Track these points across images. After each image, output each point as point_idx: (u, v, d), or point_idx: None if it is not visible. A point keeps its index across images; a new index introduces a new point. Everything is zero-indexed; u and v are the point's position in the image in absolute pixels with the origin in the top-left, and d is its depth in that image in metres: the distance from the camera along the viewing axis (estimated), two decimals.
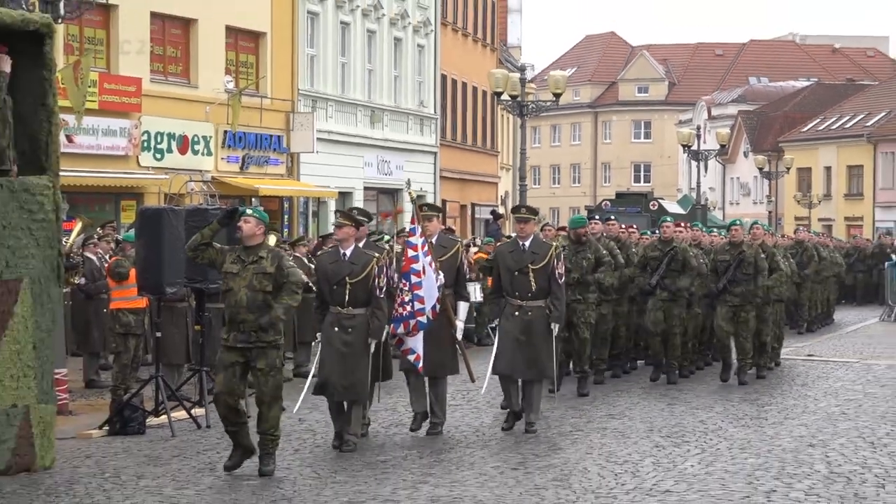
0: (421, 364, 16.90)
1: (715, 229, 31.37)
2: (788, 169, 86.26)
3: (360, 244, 16.75)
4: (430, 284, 16.71)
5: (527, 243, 17.66)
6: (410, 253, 16.75)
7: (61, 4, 27.09)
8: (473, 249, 32.96)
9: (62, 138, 17.53)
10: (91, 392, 22.59)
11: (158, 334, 19.22)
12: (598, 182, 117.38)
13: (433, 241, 17.51)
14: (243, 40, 46.35)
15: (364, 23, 53.55)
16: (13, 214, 15.22)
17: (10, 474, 14.72)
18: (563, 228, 25.23)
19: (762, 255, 23.56)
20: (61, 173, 16.95)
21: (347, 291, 15.90)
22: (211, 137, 43.57)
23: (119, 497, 13.73)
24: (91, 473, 14.67)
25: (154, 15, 41.79)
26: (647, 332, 23.95)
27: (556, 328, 17.55)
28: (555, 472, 15.38)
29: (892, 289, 44.82)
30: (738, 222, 25.71)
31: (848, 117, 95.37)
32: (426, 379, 17.59)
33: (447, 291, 17.43)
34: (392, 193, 55.87)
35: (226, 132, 43.83)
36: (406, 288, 16.57)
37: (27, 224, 15.46)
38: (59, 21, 22.91)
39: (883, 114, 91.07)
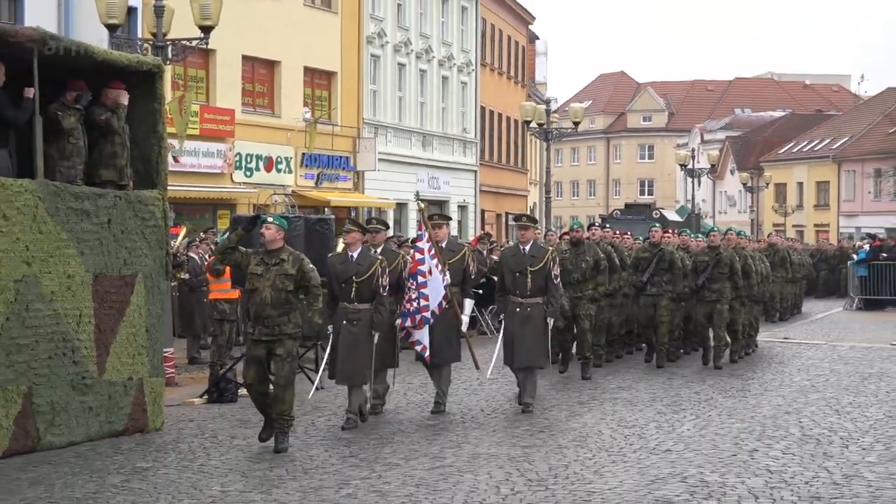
0: (427, 353, 16.51)
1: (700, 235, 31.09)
2: (767, 184, 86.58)
3: (379, 248, 16.45)
4: (437, 284, 16.33)
5: (527, 248, 17.18)
6: (417, 256, 16.36)
7: (169, 49, 27.29)
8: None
9: (169, 159, 17.63)
10: (193, 367, 22.71)
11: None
12: (609, 195, 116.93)
13: (443, 245, 17.16)
14: (318, 78, 46.42)
15: (417, 64, 53.61)
16: (130, 221, 15.41)
17: (127, 434, 14.88)
18: (567, 233, 24.64)
19: (736, 257, 23.34)
20: (169, 188, 17.07)
21: (354, 289, 15.45)
22: (291, 158, 43.69)
23: (216, 454, 13.88)
24: (193, 434, 14.78)
25: (245, 58, 41.95)
26: (640, 322, 23.82)
27: (551, 322, 17.12)
28: (574, 434, 15.47)
29: (853, 283, 44.77)
30: (714, 229, 26.24)
31: (817, 141, 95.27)
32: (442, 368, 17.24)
33: (454, 289, 16.97)
34: (440, 205, 55.82)
35: (303, 154, 43.95)
36: (413, 287, 16.19)
37: (141, 229, 15.64)
38: (167, 63, 23.12)
39: (846, 139, 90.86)
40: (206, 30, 27.89)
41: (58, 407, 14.26)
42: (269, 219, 13.97)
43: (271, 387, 13.98)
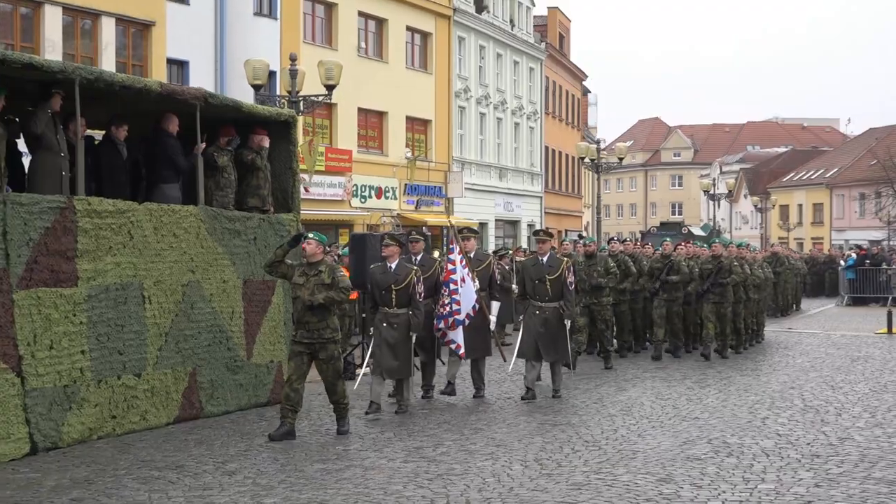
0: (462, 351, 15.34)
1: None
2: (773, 206, 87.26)
3: (419, 255, 15.52)
4: (468, 290, 15.23)
5: (544, 258, 15.95)
6: (449, 266, 15.21)
7: (300, 103, 27.47)
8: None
9: (301, 189, 17.69)
10: None
11: (364, 315, 18.90)
12: (647, 215, 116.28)
13: (471, 255, 16.16)
14: (417, 125, 46.56)
15: (494, 113, 53.68)
16: (271, 238, 15.50)
17: (269, 405, 14.96)
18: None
19: (736, 264, 21.95)
20: (300, 212, 17.22)
21: (393, 295, 14.36)
22: (396, 188, 43.83)
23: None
24: (320, 405, 14.74)
25: (360, 109, 42.22)
26: (654, 322, 22.09)
27: (568, 323, 15.79)
28: (621, 405, 15.38)
29: (843, 284, 44.86)
30: (716, 241, 25.00)
31: (813, 171, 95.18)
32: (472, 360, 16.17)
33: (482, 293, 15.99)
34: (513, 224, 55.93)
35: (406, 184, 44.15)
36: (446, 293, 15.11)
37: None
38: (300, 114, 23.27)
39: (836, 169, 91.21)
40: (330, 88, 28.09)
41: (216, 384, 14.40)
42: (310, 235, 12.91)
43: (303, 386, 12.83)
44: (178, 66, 33.18)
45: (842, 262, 47.69)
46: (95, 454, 11.72)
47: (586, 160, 47.60)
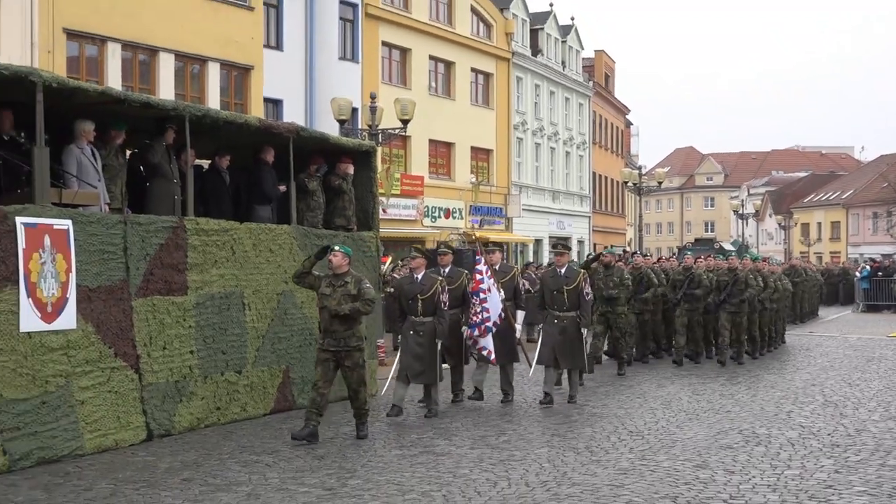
0: (493, 357, 14.49)
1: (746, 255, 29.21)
2: (795, 224, 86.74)
3: (447, 268, 14.53)
4: (495, 300, 14.39)
5: (562, 270, 14.80)
6: (477, 276, 14.38)
7: (379, 135, 27.61)
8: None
9: (380, 210, 17.76)
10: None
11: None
12: (683, 232, 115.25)
13: (496, 268, 15.31)
14: (480, 154, 46.54)
15: (548, 143, 53.57)
16: (354, 253, 15.56)
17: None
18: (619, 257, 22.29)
19: (751, 276, 20.78)
20: (380, 230, 17.27)
21: (419, 305, 13.38)
22: (462, 209, 43.81)
23: (413, 412, 13.93)
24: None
25: (430, 140, 42.32)
26: (676, 330, 20.91)
27: (584, 331, 14.86)
28: (661, 399, 15.27)
29: (858, 293, 44.48)
30: (732, 254, 23.70)
31: (830, 193, 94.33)
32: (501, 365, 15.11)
33: (507, 303, 14.95)
34: (565, 240, 55.61)
35: (471, 205, 44.11)
36: (476, 302, 14.24)
37: (362, 259, 15.74)
38: (378, 145, 23.35)
39: (851, 191, 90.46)
40: (405, 122, 28.22)
41: (306, 379, 14.41)
42: (336, 247, 11.91)
43: (328, 392, 11.87)
44: (274, 105, 33.44)
45: (857, 274, 47.18)
46: (202, 440, 11.80)
47: (629, 184, 47.66)
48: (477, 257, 14.92)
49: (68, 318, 10.95)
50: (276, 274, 14.01)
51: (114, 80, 26.16)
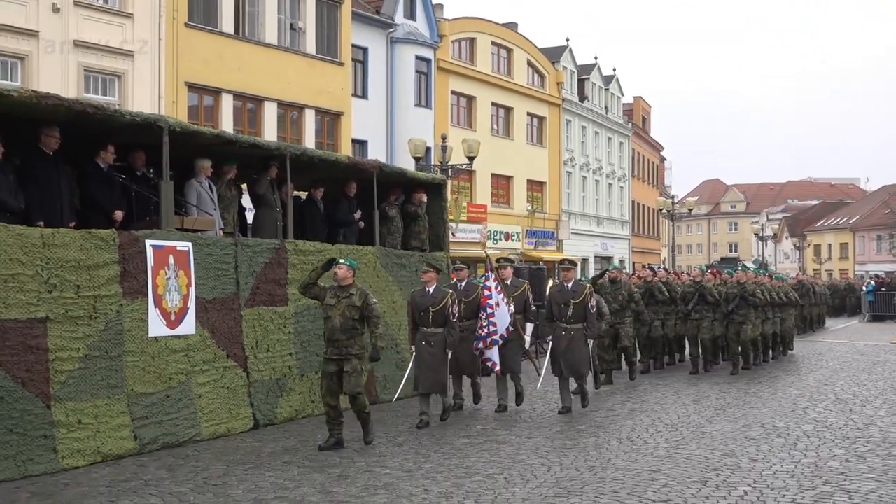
0: (498, 368, 13.21)
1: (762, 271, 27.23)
2: (809, 245, 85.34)
3: (464, 282, 13.43)
4: (503, 313, 13.11)
5: (569, 285, 13.32)
6: (486, 292, 13.09)
7: (449, 170, 27.68)
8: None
9: (450, 234, 17.75)
10: None
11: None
12: (710, 253, 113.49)
13: (507, 282, 13.83)
14: (535, 185, 46.39)
15: (593, 176, 53.30)
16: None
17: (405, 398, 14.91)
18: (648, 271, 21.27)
19: (758, 290, 19.19)
20: (450, 251, 17.27)
21: (430, 316, 12.17)
22: (520, 232, 43.68)
23: (470, 407, 13.91)
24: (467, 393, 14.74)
25: (492, 174, 42.29)
26: (689, 339, 19.60)
27: (591, 343, 13.39)
28: (692, 396, 15.04)
29: (865, 305, 43.61)
30: (739, 269, 21.56)
31: (839, 218, 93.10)
32: (507, 377, 13.67)
33: (518, 316, 13.60)
34: (607, 259, 55.19)
35: (527, 230, 44.00)
36: (483, 316, 12.99)
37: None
38: (448, 178, 23.37)
39: (857, 217, 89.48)
40: (471, 159, 28.26)
41: (387, 378, 14.45)
42: (342, 260, 10.74)
43: (339, 402, 10.64)
44: (360, 145, 33.66)
45: (863, 288, 46.35)
46: (300, 429, 11.84)
47: (663, 211, 47.21)
48: (486, 273, 13.56)
49: (188, 325, 11.10)
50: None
51: (226, 124, 26.57)
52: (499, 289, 13.28)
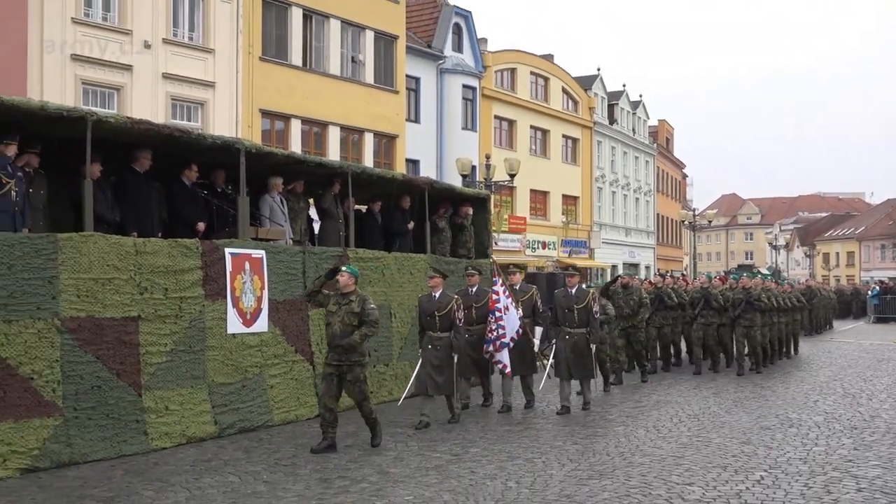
0: (509, 370, 12.30)
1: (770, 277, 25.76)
2: (818, 253, 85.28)
3: (475, 287, 12.66)
4: (512, 318, 12.36)
5: (573, 291, 12.52)
6: (494, 297, 12.27)
7: (492, 186, 27.64)
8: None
9: (493, 243, 17.70)
10: None
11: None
12: (728, 261, 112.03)
13: (517, 287, 13.04)
14: (569, 200, 46.07)
15: (622, 191, 52.80)
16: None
17: (473, 386, 14.81)
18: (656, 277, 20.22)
19: (763, 295, 18.10)
20: (494, 257, 17.22)
21: (437, 321, 11.31)
22: (556, 241, 43.42)
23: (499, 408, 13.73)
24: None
25: (531, 190, 42.06)
26: (694, 342, 18.16)
27: (593, 347, 12.45)
28: (713, 390, 14.82)
29: (870, 308, 42.81)
30: (745, 275, 20.36)
31: (846, 229, 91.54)
32: (517, 378, 12.80)
33: (527, 320, 12.77)
34: (635, 266, 54.72)
35: (562, 239, 43.76)
36: (492, 320, 12.19)
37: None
38: (492, 193, 23.33)
39: (863, 227, 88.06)
40: (512, 176, 28.22)
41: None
42: (344, 268, 9.78)
43: (337, 403, 9.76)
44: (413, 164, 33.74)
45: (869, 293, 45.50)
46: (359, 417, 11.70)
47: (685, 222, 46.79)
48: (494, 279, 12.67)
49: (262, 323, 11.19)
50: (415, 291, 14.01)
51: (295, 146, 26.80)
52: (506, 293, 12.51)
